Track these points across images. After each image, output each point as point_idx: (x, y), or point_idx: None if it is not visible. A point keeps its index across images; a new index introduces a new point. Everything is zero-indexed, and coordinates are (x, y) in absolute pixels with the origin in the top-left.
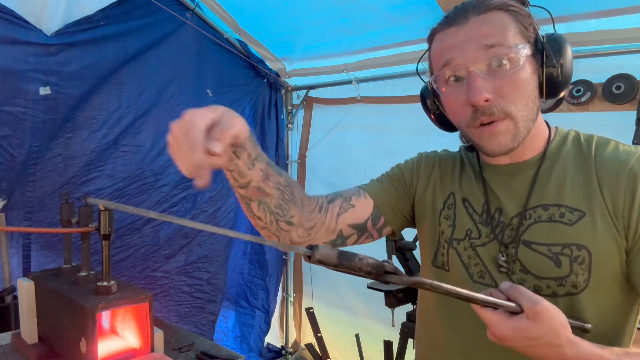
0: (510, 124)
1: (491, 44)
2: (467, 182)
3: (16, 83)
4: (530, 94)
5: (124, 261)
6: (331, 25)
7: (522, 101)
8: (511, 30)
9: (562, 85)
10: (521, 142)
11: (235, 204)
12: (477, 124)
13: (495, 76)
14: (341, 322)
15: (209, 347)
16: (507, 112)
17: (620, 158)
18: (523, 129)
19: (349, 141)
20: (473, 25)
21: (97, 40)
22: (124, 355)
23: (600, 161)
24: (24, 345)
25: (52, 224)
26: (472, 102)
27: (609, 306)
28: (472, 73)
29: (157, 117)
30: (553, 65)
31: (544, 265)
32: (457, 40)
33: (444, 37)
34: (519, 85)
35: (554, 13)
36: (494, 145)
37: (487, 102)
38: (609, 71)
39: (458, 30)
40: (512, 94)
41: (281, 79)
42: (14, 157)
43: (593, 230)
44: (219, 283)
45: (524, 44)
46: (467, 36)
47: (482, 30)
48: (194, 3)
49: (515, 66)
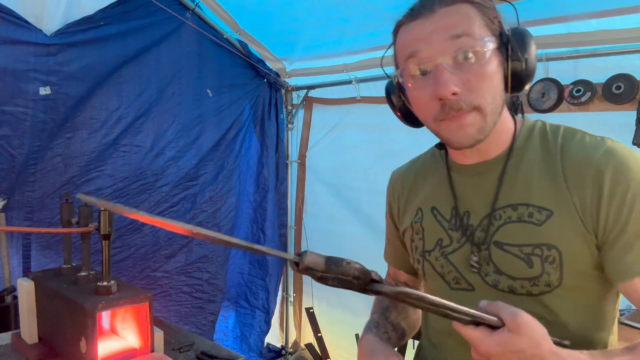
0: (478, 116)
1: (458, 34)
2: (435, 188)
3: (16, 83)
4: (497, 86)
5: (124, 261)
6: (331, 25)
7: (490, 94)
8: (477, 22)
9: (527, 79)
10: (487, 135)
11: (235, 204)
12: (444, 118)
13: (462, 69)
14: (341, 322)
15: (209, 347)
16: (475, 105)
17: (586, 153)
18: (490, 122)
19: (349, 141)
20: (440, 16)
21: (97, 40)
22: (124, 355)
23: (566, 156)
24: (24, 345)
25: (52, 224)
26: (440, 95)
27: (585, 302)
28: (439, 66)
29: (157, 117)
30: (518, 59)
31: (516, 266)
32: (424, 32)
33: (409, 30)
34: (486, 78)
35: (554, 13)
36: (460, 137)
37: (455, 95)
38: (609, 71)
39: (424, 22)
40: (479, 87)
41: (281, 79)
42: (14, 157)
43: (562, 229)
44: (219, 283)
45: (490, 37)
46: (434, 27)
47: (449, 21)
48: (194, 3)
49: (482, 59)
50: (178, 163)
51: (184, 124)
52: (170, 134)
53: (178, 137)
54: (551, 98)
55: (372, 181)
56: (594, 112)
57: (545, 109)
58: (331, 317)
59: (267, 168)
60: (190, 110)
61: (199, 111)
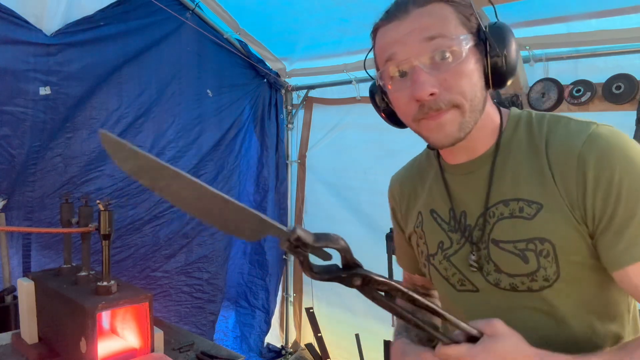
0: (457, 113)
1: (432, 36)
2: (432, 191)
3: (16, 83)
4: (476, 84)
5: (124, 261)
6: (331, 25)
7: (468, 92)
8: (452, 21)
9: (507, 75)
10: (468, 133)
11: None
12: (423, 117)
13: (439, 69)
14: (341, 322)
15: (209, 347)
16: (455, 103)
17: (569, 141)
18: (470, 118)
19: (349, 141)
20: (414, 18)
21: (97, 40)
22: (124, 355)
23: (551, 146)
24: (24, 345)
25: (52, 224)
26: (417, 97)
27: (588, 294)
28: (416, 68)
29: (157, 117)
30: (497, 54)
31: (513, 263)
32: (399, 35)
33: (386, 32)
34: (464, 76)
35: (554, 13)
36: (440, 135)
37: (433, 96)
38: (609, 71)
39: (399, 25)
40: (457, 85)
41: (281, 79)
42: (14, 157)
43: (552, 221)
44: (219, 283)
45: (465, 35)
46: (408, 30)
47: (423, 23)
48: (194, 3)
49: (458, 58)
50: (178, 163)
51: (184, 124)
52: (170, 134)
53: (178, 137)
54: (551, 98)
55: (372, 181)
56: (594, 112)
57: (545, 109)
58: (331, 317)
59: (267, 168)
60: (190, 110)
61: (199, 111)
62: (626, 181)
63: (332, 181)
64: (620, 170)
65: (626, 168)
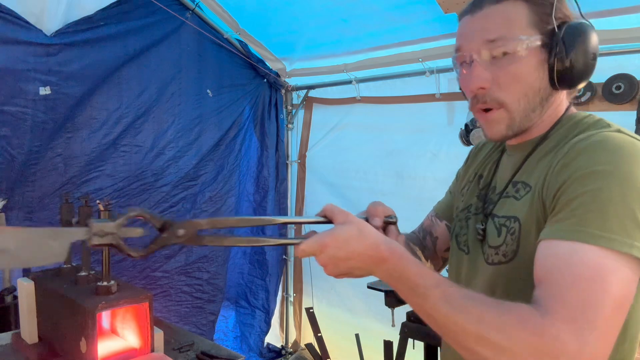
0: (504, 113)
1: (494, 39)
2: (491, 160)
3: (16, 83)
4: (532, 85)
5: (124, 261)
6: (331, 25)
7: (519, 92)
8: (520, 21)
9: (577, 77)
10: (518, 132)
11: (235, 204)
12: (476, 109)
13: (496, 66)
14: (341, 322)
15: (209, 347)
16: (501, 102)
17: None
18: (518, 119)
19: (349, 141)
20: (483, 16)
21: (97, 40)
22: (124, 355)
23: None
24: (24, 345)
25: (52, 224)
26: (470, 88)
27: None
28: (475, 61)
29: (157, 117)
30: (564, 57)
31: (493, 235)
32: (467, 30)
33: (461, 24)
34: (517, 76)
35: None
36: (489, 131)
37: (482, 89)
38: (609, 71)
39: (471, 20)
40: (508, 84)
41: (281, 79)
42: (14, 157)
43: (529, 203)
44: (219, 283)
45: (531, 36)
46: (475, 28)
47: (489, 24)
48: (194, 3)
49: (516, 59)
50: (178, 163)
51: (184, 124)
52: (170, 134)
53: (178, 137)
54: None
55: (372, 181)
56: (594, 112)
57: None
58: (331, 317)
59: (267, 168)
60: (190, 110)
61: (199, 111)
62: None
63: (332, 181)
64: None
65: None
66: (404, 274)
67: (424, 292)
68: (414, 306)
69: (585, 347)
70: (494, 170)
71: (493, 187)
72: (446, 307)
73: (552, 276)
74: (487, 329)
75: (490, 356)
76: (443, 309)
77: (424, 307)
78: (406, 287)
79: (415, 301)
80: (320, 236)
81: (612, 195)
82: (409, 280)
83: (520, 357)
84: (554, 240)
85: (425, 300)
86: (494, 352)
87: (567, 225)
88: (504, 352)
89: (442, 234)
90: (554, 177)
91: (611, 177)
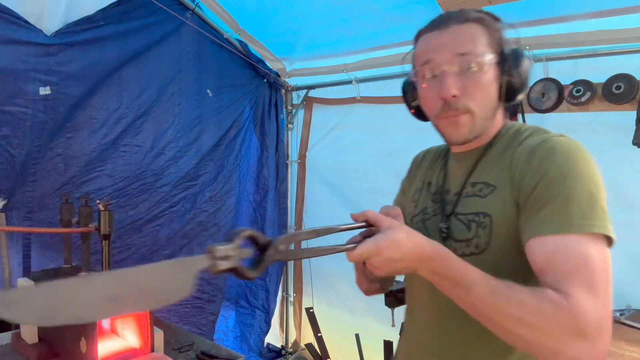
0: (470, 118)
1: (463, 52)
2: (437, 168)
3: (16, 83)
4: (491, 95)
5: (124, 261)
6: (331, 25)
7: (482, 100)
8: (481, 40)
9: (518, 91)
10: (476, 136)
11: (235, 204)
12: (444, 116)
13: (463, 76)
14: (341, 322)
15: (209, 347)
16: (468, 108)
17: (532, 142)
18: (479, 125)
19: (349, 141)
20: (452, 33)
21: (97, 40)
22: (124, 355)
23: (520, 147)
24: (24, 345)
25: (52, 224)
26: (442, 96)
27: (509, 268)
28: (445, 72)
29: (157, 117)
30: (512, 74)
31: (459, 230)
32: (438, 44)
33: (427, 39)
34: (482, 86)
35: (554, 13)
36: (453, 135)
37: (454, 97)
38: (609, 71)
39: (440, 35)
40: (475, 93)
41: (281, 79)
42: (14, 157)
43: (498, 200)
44: (219, 283)
45: (490, 53)
46: (445, 42)
47: (458, 40)
48: (194, 3)
49: (481, 71)
50: (178, 163)
51: (184, 124)
52: (170, 134)
53: (178, 137)
54: (551, 98)
55: (372, 181)
56: (594, 112)
57: (545, 109)
58: (331, 317)
59: (267, 168)
60: (190, 110)
61: (199, 111)
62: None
63: (332, 181)
64: (553, 166)
65: (559, 166)
66: (449, 272)
67: (468, 285)
68: (456, 298)
69: (600, 313)
70: (443, 175)
71: (447, 190)
72: (491, 298)
73: (555, 265)
74: (527, 314)
75: (530, 336)
76: (488, 300)
77: (468, 299)
78: (450, 283)
79: (458, 294)
80: (375, 241)
81: (581, 192)
82: (453, 277)
83: (556, 335)
84: (547, 237)
85: (469, 292)
86: (532, 332)
87: (553, 222)
88: (541, 332)
89: None
90: (525, 179)
91: (574, 176)
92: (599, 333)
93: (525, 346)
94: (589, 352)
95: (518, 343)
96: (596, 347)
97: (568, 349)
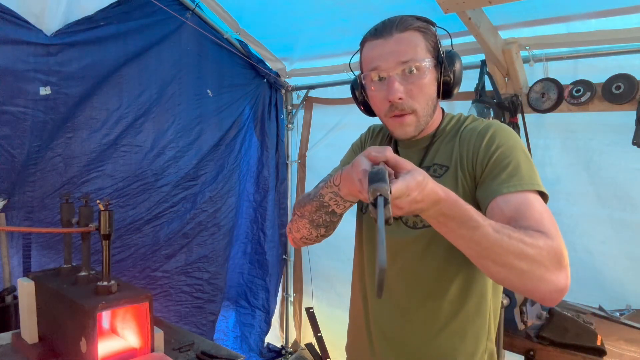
0: (414, 118)
1: (406, 60)
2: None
3: (16, 83)
4: (431, 95)
5: (124, 261)
6: (331, 25)
7: (424, 101)
8: (421, 46)
9: (453, 89)
10: (421, 131)
11: (235, 204)
12: (391, 115)
13: (407, 81)
14: (341, 322)
15: (209, 347)
16: (413, 109)
17: (475, 127)
18: (423, 121)
19: (349, 141)
20: (395, 41)
21: (97, 40)
22: (124, 355)
23: (464, 131)
24: (24, 345)
25: (52, 224)
26: (390, 99)
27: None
28: (392, 77)
29: (157, 117)
30: (448, 74)
31: None
32: (383, 52)
33: (373, 47)
34: (423, 88)
35: (554, 13)
36: (400, 133)
37: (400, 99)
38: (609, 71)
39: (384, 44)
40: (418, 95)
41: (281, 79)
42: (14, 157)
43: (451, 178)
44: (219, 283)
45: (429, 58)
46: (390, 50)
47: (401, 48)
48: (194, 3)
49: (421, 75)
50: (178, 163)
51: (184, 124)
52: (170, 134)
53: (178, 137)
54: (551, 98)
55: None
56: (594, 112)
57: (545, 109)
58: (331, 317)
59: (267, 168)
60: (190, 110)
61: (199, 111)
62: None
63: None
64: (500, 143)
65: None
66: (457, 212)
67: (475, 225)
68: (459, 237)
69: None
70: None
71: None
72: (495, 235)
73: (525, 214)
74: (526, 248)
75: (527, 267)
76: (492, 236)
77: (474, 236)
78: (457, 222)
79: (465, 233)
80: (405, 182)
81: (525, 160)
82: (461, 216)
83: (546, 265)
84: (509, 194)
85: (475, 231)
86: (530, 264)
87: (511, 183)
88: (535, 263)
89: None
90: (479, 154)
91: (517, 149)
92: (568, 265)
93: (517, 279)
94: (565, 280)
95: (511, 276)
96: (568, 276)
97: (553, 277)
